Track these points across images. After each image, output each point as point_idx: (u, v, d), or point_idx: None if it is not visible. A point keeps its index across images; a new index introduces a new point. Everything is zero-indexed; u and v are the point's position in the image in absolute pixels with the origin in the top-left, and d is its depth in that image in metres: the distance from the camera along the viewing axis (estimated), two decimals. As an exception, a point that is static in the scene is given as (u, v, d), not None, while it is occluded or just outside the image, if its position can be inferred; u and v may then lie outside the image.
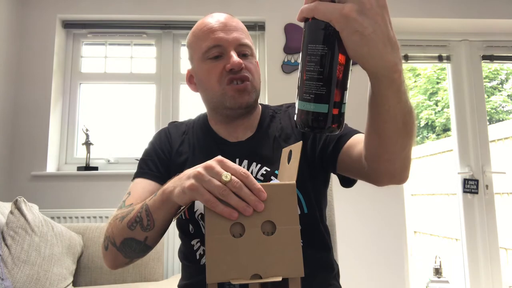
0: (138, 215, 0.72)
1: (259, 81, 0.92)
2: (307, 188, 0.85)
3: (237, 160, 0.87)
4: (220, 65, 0.85)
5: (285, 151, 0.76)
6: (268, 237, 0.56)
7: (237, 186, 0.57)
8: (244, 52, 0.88)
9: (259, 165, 0.86)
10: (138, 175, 0.92)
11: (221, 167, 0.59)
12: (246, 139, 0.92)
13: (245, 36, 0.90)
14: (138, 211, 0.72)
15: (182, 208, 0.69)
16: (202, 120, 0.98)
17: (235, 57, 0.85)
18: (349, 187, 0.89)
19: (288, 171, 0.66)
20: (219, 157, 0.61)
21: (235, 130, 0.92)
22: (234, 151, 0.88)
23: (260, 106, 0.99)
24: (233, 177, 0.57)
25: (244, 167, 0.82)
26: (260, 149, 0.88)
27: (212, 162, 0.60)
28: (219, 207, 0.55)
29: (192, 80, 0.95)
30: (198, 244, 0.85)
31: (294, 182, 0.59)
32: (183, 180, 0.62)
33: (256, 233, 0.56)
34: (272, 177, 0.84)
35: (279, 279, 0.54)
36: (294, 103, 0.92)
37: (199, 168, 0.60)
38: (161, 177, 0.88)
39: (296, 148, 0.68)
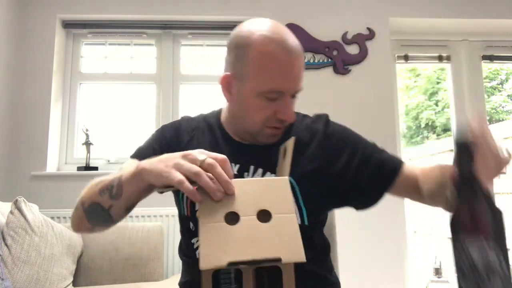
0: (111, 183, 0.73)
1: None
2: (314, 201, 0.82)
3: (241, 163, 0.84)
4: (272, 108, 0.80)
5: (282, 149, 0.77)
6: (264, 224, 0.55)
7: (211, 164, 0.59)
8: (294, 95, 0.84)
9: (266, 172, 0.83)
10: (134, 156, 0.91)
11: (199, 153, 0.62)
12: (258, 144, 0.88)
13: (302, 77, 0.83)
14: (112, 179, 0.73)
15: (159, 189, 0.68)
16: (215, 119, 0.94)
17: (291, 111, 0.82)
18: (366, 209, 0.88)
19: (283, 167, 0.67)
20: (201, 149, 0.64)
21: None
22: (243, 153, 0.86)
23: None
24: (208, 158, 0.60)
25: (250, 171, 0.83)
26: (268, 156, 0.85)
27: (191, 151, 0.63)
28: (184, 184, 0.57)
29: (230, 88, 0.84)
30: (198, 242, 0.84)
31: (286, 177, 0.60)
32: (160, 163, 0.64)
33: (251, 220, 0.55)
34: (260, 169, 0.83)
35: (278, 257, 0.52)
36: (309, 115, 0.94)
37: (177, 157, 0.63)
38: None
39: (290, 144, 0.69)
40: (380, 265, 2.17)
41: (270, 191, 0.58)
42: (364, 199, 0.88)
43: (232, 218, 0.55)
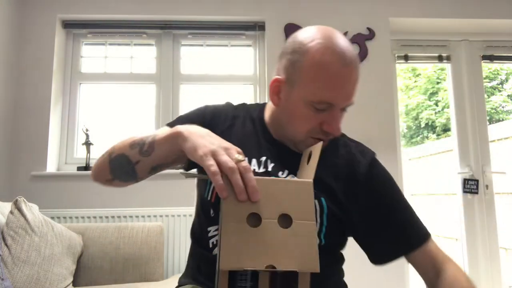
0: (143, 139, 0.74)
1: None
2: (335, 219, 0.79)
3: (275, 164, 0.82)
4: (319, 119, 0.78)
5: (305, 152, 0.76)
6: (284, 230, 0.56)
7: (246, 167, 0.60)
8: (345, 108, 0.81)
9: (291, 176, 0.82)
10: (170, 125, 0.87)
11: (237, 153, 0.63)
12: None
13: (356, 90, 0.80)
14: (146, 136, 0.75)
15: (186, 174, 0.69)
16: (257, 113, 0.93)
17: (338, 124, 0.79)
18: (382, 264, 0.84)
19: (306, 171, 0.67)
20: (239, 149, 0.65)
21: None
22: (281, 155, 0.84)
23: None
24: (244, 161, 0.61)
25: (284, 174, 0.81)
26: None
27: (230, 145, 0.65)
28: (217, 177, 0.58)
29: (279, 93, 0.82)
30: (215, 232, 0.81)
31: (311, 180, 0.61)
32: (200, 140, 0.65)
33: (272, 225, 0.56)
34: (291, 175, 0.81)
35: (295, 270, 0.53)
36: (356, 140, 0.91)
37: (217, 146, 0.63)
38: None
39: (316, 149, 0.68)
40: (380, 265, 2.17)
41: (293, 194, 0.59)
42: (374, 253, 0.84)
43: (254, 219, 0.56)
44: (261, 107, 0.95)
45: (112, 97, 2.50)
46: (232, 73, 2.47)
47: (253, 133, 0.88)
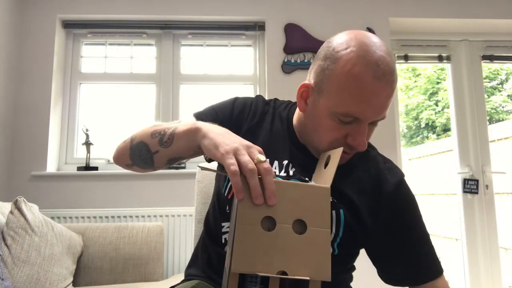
0: (165, 129, 0.74)
1: None
2: (351, 230, 0.78)
3: (297, 169, 0.80)
4: (344, 131, 0.74)
5: (323, 156, 0.74)
6: (298, 236, 0.56)
7: (268, 169, 0.58)
8: (375, 122, 0.76)
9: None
10: (198, 115, 0.87)
11: (260, 153, 0.61)
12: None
13: (388, 108, 0.74)
14: (168, 127, 0.75)
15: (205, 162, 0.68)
16: (287, 114, 0.90)
17: (363, 139, 0.73)
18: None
19: (324, 176, 0.65)
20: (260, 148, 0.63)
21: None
22: (305, 161, 0.81)
23: None
24: (267, 162, 0.59)
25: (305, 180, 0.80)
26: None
27: (252, 144, 0.63)
28: (236, 178, 0.56)
29: (306, 98, 0.79)
30: (228, 229, 0.81)
31: (328, 186, 0.59)
32: (220, 138, 0.63)
33: (286, 230, 0.56)
34: (307, 178, 0.80)
35: (307, 278, 0.53)
36: (385, 157, 0.88)
37: (239, 144, 0.61)
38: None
39: (336, 153, 0.66)
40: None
41: (310, 199, 0.58)
42: (383, 271, 0.85)
43: (269, 222, 0.56)
44: (290, 107, 0.92)
45: (112, 97, 2.49)
46: (232, 73, 2.47)
47: (281, 134, 0.86)
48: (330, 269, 0.55)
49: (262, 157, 0.59)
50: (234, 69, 2.48)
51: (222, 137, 0.64)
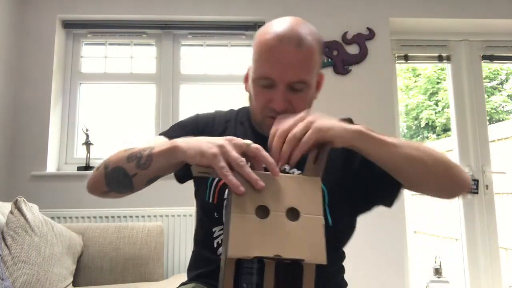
0: (141, 152, 0.74)
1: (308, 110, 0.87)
2: (338, 205, 0.82)
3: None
4: (267, 96, 0.81)
5: (312, 153, 0.76)
6: (292, 222, 0.57)
7: (258, 147, 0.62)
8: (295, 87, 0.80)
9: (294, 169, 0.83)
10: (165, 134, 0.91)
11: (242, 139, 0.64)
12: None
13: (304, 71, 0.79)
14: (143, 149, 0.75)
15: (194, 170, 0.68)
16: (245, 113, 0.96)
17: (280, 100, 0.79)
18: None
19: (314, 169, 0.67)
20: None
21: None
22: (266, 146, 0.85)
23: None
24: (253, 144, 0.63)
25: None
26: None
27: (233, 137, 0.65)
28: (230, 177, 0.59)
29: (248, 80, 0.89)
30: (220, 232, 0.83)
31: (319, 177, 0.62)
32: (202, 143, 0.64)
33: (280, 217, 0.57)
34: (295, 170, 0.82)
35: (302, 258, 0.54)
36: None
37: (222, 140, 0.63)
38: None
39: (323, 150, 0.68)
40: (380, 265, 2.17)
41: (301, 190, 0.60)
42: (385, 191, 0.85)
43: (262, 211, 0.57)
44: (247, 109, 0.97)
45: (112, 97, 2.50)
46: (232, 73, 2.47)
47: (244, 134, 0.90)
48: (325, 252, 0.56)
49: (248, 141, 0.63)
50: (234, 69, 2.48)
51: (202, 142, 0.65)
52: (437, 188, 0.78)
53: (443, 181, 0.76)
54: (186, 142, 0.68)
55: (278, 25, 0.80)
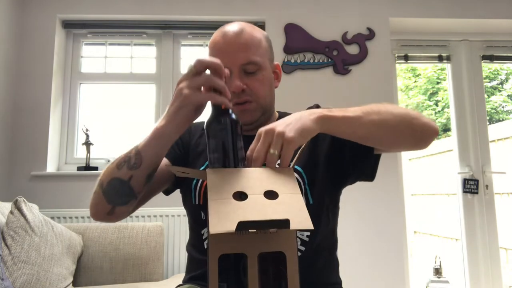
0: (127, 155, 0.75)
1: (269, 94, 0.92)
2: (316, 184, 0.85)
3: None
4: (228, 86, 0.86)
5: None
6: (271, 201, 0.57)
7: (200, 59, 0.67)
8: (248, 70, 0.86)
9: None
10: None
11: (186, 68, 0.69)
12: None
13: (251, 53, 0.86)
14: (128, 151, 0.75)
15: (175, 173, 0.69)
16: None
17: (234, 81, 0.84)
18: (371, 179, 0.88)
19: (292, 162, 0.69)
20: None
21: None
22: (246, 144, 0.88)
23: (277, 114, 1.00)
24: (195, 61, 0.68)
25: None
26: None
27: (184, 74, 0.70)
28: (216, 97, 0.65)
29: None
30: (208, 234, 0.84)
31: (291, 167, 0.64)
32: (170, 108, 0.69)
33: (259, 198, 0.57)
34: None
35: (287, 220, 0.52)
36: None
37: (178, 87, 0.69)
38: (169, 154, 0.92)
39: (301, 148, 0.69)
40: (380, 265, 2.17)
41: (276, 177, 0.61)
42: (361, 164, 0.86)
43: (240, 196, 0.57)
44: None
45: (112, 97, 2.50)
46: (232, 73, 2.46)
47: None
48: (310, 219, 0.55)
49: (189, 66, 0.68)
50: (234, 69, 2.47)
51: (170, 106, 0.70)
52: (407, 143, 0.80)
53: (411, 134, 0.78)
54: (160, 119, 0.72)
55: (224, 27, 0.90)
